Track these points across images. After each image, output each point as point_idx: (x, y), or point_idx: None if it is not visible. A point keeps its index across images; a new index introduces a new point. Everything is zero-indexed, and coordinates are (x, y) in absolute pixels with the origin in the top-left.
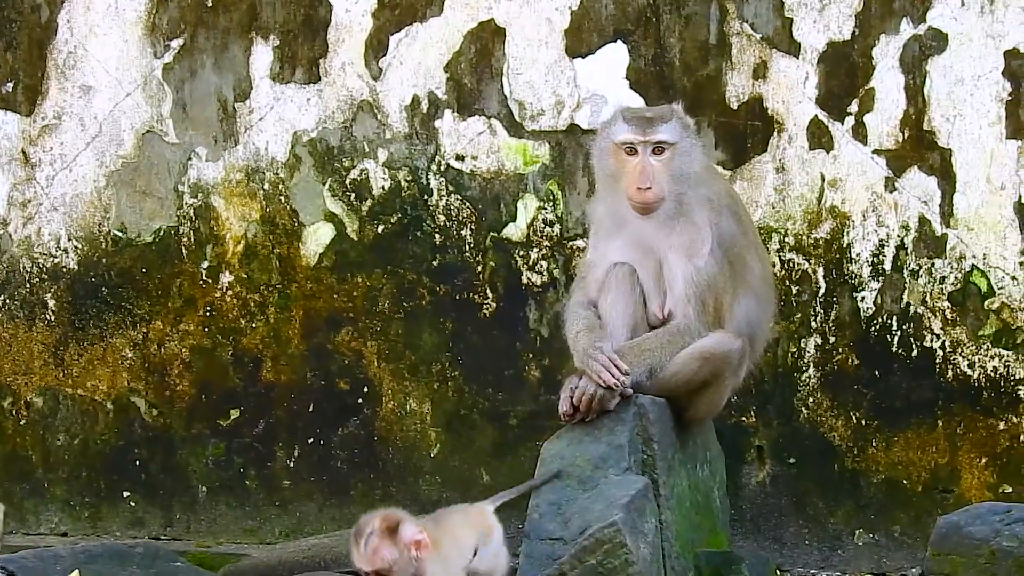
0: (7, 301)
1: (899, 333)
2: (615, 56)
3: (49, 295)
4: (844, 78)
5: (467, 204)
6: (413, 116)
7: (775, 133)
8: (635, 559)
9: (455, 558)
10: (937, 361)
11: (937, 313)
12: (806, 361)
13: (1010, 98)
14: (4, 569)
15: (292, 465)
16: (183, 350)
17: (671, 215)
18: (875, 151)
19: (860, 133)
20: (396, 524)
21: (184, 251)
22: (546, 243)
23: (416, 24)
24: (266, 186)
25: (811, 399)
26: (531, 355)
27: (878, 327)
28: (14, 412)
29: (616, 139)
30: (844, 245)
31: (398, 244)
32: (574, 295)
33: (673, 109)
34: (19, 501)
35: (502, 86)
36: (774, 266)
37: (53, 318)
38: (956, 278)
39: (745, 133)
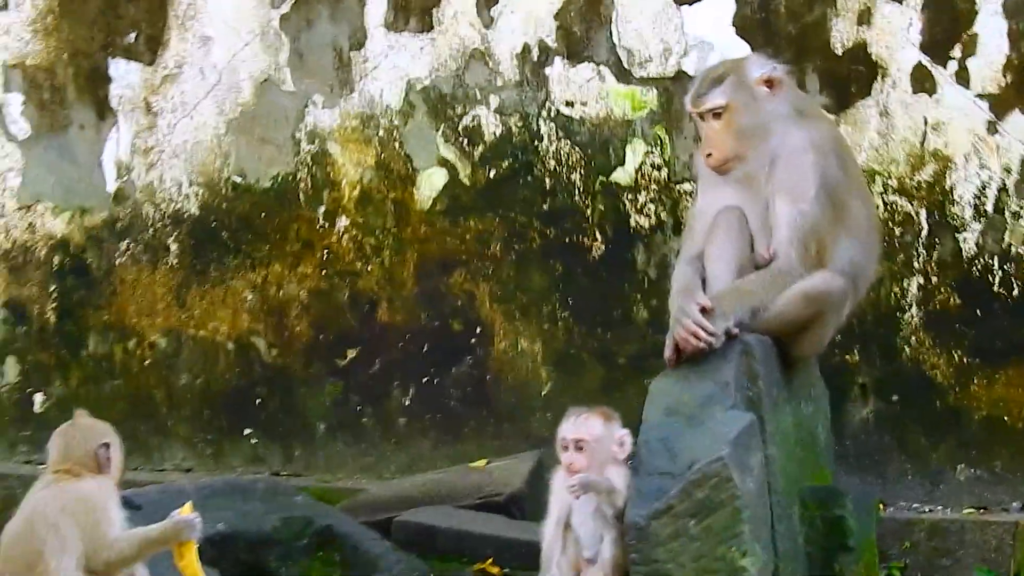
0: (131, 245)
1: (1000, 273)
2: (721, 3)
3: (171, 239)
4: (947, 23)
5: (576, 149)
6: (524, 64)
7: (879, 78)
8: (741, 493)
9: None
10: None
11: None
12: (909, 301)
13: None
14: (131, 502)
15: (407, 404)
16: (301, 292)
17: (769, 160)
18: (978, 95)
19: (963, 77)
20: (616, 417)
21: (301, 196)
22: (654, 187)
23: None
24: (380, 132)
25: (913, 338)
26: (639, 296)
27: (980, 268)
28: (138, 353)
29: (686, 109)
30: (947, 187)
31: (509, 188)
32: (682, 250)
33: (730, 67)
34: (144, 439)
35: (610, 33)
36: (877, 208)
37: (176, 262)
38: None
39: (849, 78)
